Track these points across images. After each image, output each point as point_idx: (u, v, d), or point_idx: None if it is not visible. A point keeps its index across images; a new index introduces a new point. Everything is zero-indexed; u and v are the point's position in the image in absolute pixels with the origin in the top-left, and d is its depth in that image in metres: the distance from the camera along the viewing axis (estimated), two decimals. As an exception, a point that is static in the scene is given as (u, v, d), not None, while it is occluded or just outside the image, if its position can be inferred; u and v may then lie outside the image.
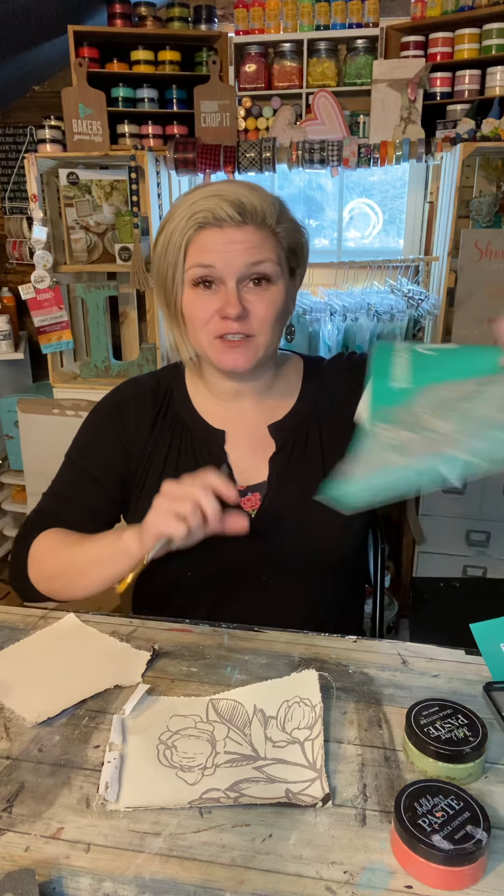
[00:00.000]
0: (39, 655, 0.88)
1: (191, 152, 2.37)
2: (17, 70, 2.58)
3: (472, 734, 0.69)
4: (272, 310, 0.97)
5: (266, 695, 0.79)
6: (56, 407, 2.45)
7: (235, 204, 0.92)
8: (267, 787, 0.67)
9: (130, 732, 0.75)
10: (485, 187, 2.49)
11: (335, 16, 2.34)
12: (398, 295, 2.43)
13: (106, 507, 1.08)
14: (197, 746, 0.72)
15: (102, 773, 0.69)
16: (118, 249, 2.46)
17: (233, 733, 0.74)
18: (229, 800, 0.66)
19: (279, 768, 0.70)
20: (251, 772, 0.69)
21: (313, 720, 0.75)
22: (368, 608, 1.29)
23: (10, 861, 0.60)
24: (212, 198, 0.93)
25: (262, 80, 2.43)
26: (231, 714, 0.77)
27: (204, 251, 0.94)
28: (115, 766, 0.69)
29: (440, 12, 2.28)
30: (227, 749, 0.72)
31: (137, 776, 0.69)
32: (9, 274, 3.00)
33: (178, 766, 0.70)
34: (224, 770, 0.69)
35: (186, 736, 0.74)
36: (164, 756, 0.71)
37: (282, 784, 0.67)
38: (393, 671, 0.86)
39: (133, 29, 2.40)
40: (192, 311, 0.98)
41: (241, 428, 1.07)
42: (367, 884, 0.58)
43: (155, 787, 0.68)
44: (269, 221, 0.95)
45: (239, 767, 0.70)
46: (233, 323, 0.94)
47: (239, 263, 0.93)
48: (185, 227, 0.94)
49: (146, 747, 0.73)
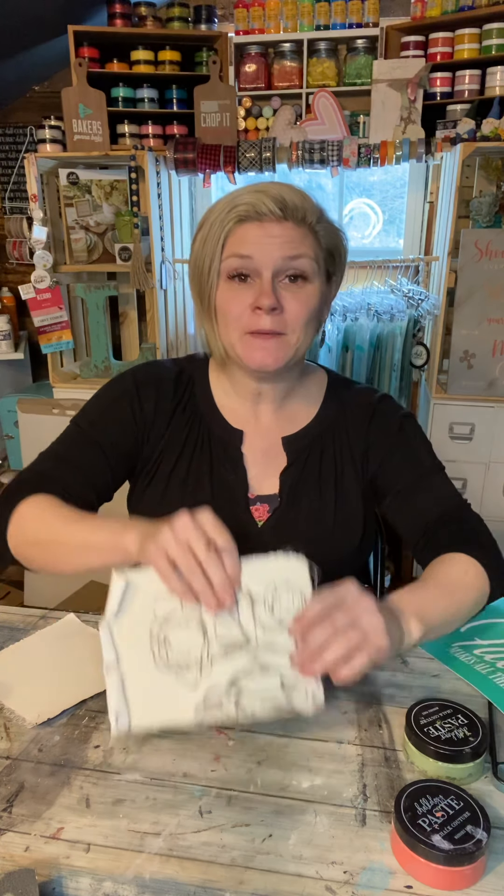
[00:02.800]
0: (39, 655, 0.88)
1: (191, 152, 2.37)
2: (17, 70, 2.58)
3: (472, 734, 0.69)
4: (306, 308, 0.95)
5: (252, 574, 0.75)
6: (56, 407, 2.45)
7: (277, 200, 0.92)
8: (262, 680, 0.70)
9: (121, 639, 0.72)
10: (485, 187, 2.49)
11: (335, 16, 2.34)
12: (398, 295, 2.43)
13: (106, 481, 1.04)
14: (189, 636, 0.71)
15: (109, 703, 0.69)
16: (118, 249, 2.46)
17: (221, 612, 0.72)
18: (230, 704, 0.68)
19: (270, 655, 0.71)
20: (245, 661, 0.71)
21: (301, 608, 0.73)
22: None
23: (10, 861, 0.60)
24: (254, 193, 0.93)
25: (262, 80, 2.43)
26: None
27: (242, 243, 0.94)
28: (118, 691, 0.69)
29: (440, 12, 2.28)
30: (218, 634, 0.71)
31: (141, 693, 0.69)
32: (9, 274, 3.00)
33: (175, 666, 0.70)
34: (219, 664, 0.71)
35: (176, 624, 0.72)
36: (160, 658, 0.70)
37: (275, 672, 0.70)
38: (393, 671, 0.86)
39: (133, 29, 2.40)
40: (224, 304, 0.96)
41: (257, 432, 1.06)
42: (367, 884, 0.58)
43: (161, 700, 0.68)
44: (310, 219, 0.94)
45: (232, 658, 0.71)
46: (266, 316, 0.93)
47: (276, 256, 0.92)
48: (225, 220, 0.94)
49: (140, 652, 0.71)
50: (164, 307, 2.55)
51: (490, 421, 2.33)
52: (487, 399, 2.32)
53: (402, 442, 1.06)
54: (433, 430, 2.38)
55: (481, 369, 2.30)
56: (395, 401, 1.13)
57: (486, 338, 2.27)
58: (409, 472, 1.03)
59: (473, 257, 2.20)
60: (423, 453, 1.07)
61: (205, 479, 1.03)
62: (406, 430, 1.07)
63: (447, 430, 2.37)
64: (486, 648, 0.87)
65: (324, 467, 1.05)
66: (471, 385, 2.32)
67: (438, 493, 1.03)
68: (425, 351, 2.47)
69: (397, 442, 1.06)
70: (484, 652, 0.87)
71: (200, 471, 1.03)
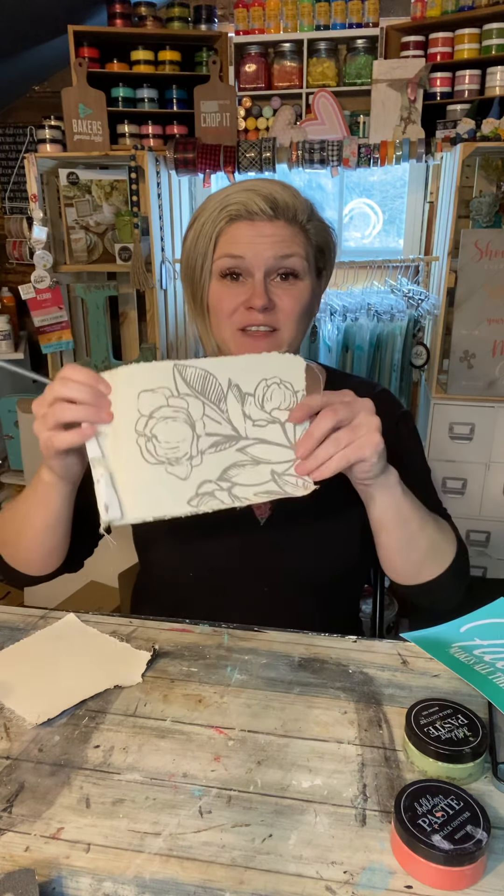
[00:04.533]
0: (39, 655, 0.88)
1: (191, 152, 2.37)
2: (17, 70, 2.58)
3: (472, 734, 0.69)
4: (298, 304, 0.96)
5: (242, 369, 0.73)
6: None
7: (268, 199, 0.93)
8: (253, 472, 0.68)
9: (105, 437, 0.70)
10: (485, 187, 2.49)
11: (335, 16, 2.34)
12: (398, 295, 2.44)
13: None
14: (176, 431, 0.70)
15: (98, 496, 0.67)
16: (118, 249, 2.46)
17: (209, 409, 0.71)
18: (223, 492, 0.67)
19: (261, 448, 0.70)
20: (235, 455, 0.70)
21: (294, 404, 0.72)
22: (368, 608, 1.29)
23: (10, 861, 0.60)
24: (245, 192, 0.94)
25: (262, 80, 2.43)
26: (203, 385, 0.71)
27: (234, 243, 0.94)
28: (106, 483, 0.67)
29: (440, 12, 2.28)
30: (207, 430, 0.70)
31: (131, 485, 0.67)
32: (9, 274, 3.00)
33: (164, 460, 0.68)
34: (210, 457, 0.69)
35: (162, 419, 0.70)
36: (148, 451, 0.69)
37: (266, 465, 0.69)
38: (393, 671, 0.86)
39: (133, 29, 2.40)
40: (217, 302, 0.97)
41: None
42: (367, 884, 0.58)
43: (152, 491, 0.67)
44: (301, 218, 0.96)
45: (223, 452, 0.69)
46: (258, 314, 0.94)
47: (268, 255, 0.93)
48: (217, 219, 0.95)
49: (127, 447, 0.69)
50: (164, 307, 2.55)
51: (490, 421, 2.33)
52: (487, 399, 2.32)
53: (397, 442, 1.06)
54: (433, 430, 2.38)
55: (481, 369, 2.30)
56: (393, 396, 1.14)
57: (486, 338, 2.27)
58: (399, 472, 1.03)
59: (473, 257, 2.20)
60: (415, 456, 1.08)
61: None
62: (402, 430, 1.08)
63: (447, 430, 2.37)
64: (486, 648, 0.87)
65: None
66: (471, 385, 2.32)
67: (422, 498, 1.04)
68: (425, 351, 2.47)
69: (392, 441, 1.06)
70: (484, 652, 0.87)
71: None
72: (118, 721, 0.77)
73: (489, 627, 0.92)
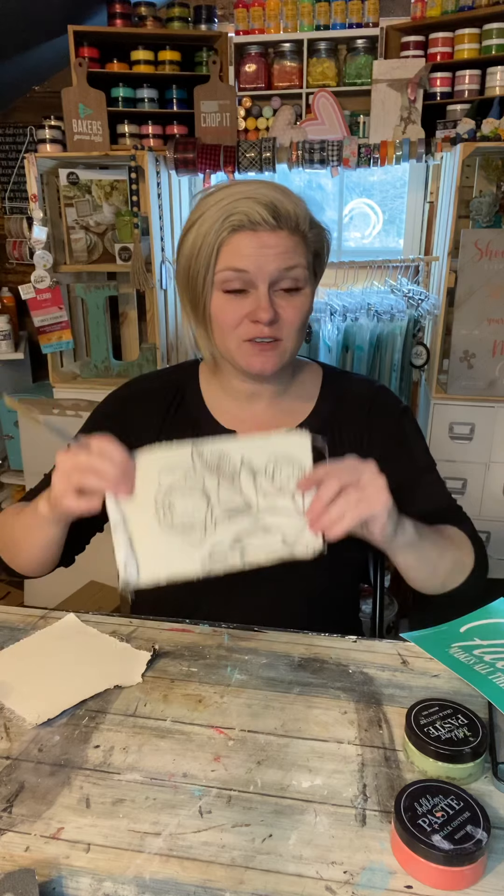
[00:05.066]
0: (39, 655, 0.88)
1: (191, 152, 2.37)
2: (17, 70, 2.58)
3: (472, 734, 0.69)
4: (300, 315, 0.97)
5: (253, 447, 0.79)
6: (56, 407, 2.45)
7: (270, 207, 0.91)
8: (265, 539, 0.73)
9: (126, 504, 0.75)
10: (485, 187, 2.49)
11: (335, 16, 2.34)
12: (398, 295, 2.43)
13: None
14: (192, 502, 0.75)
15: (117, 555, 0.72)
16: (118, 249, 2.46)
17: (223, 484, 0.76)
18: (235, 554, 0.71)
19: (272, 517, 0.74)
20: (247, 523, 0.74)
21: (302, 476, 0.77)
22: (368, 608, 1.29)
23: (10, 861, 0.60)
24: (244, 200, 0.92)
25: (262, 80, 2.43)
26: (218, 463, 0.77)
27: (237, 255, 0.93)
28: (126, 546, 0.72)
29: (440, 12, 2.28)
30: (221, 502, 0.75)
31: (148, 549, 0.72)
32: (9, 274, 3.00)
33: (180, 527, 0.73)
34: (223, 525, 0.74)
35: (180, 492, 0.75)
36: (165, 519, 0.73)
37: (277, 534, 0.73)
38: (393, 671, 0.86)
39: (133, 29, 2.40)
40: (221, 314, 0.97)
41: (252, 430, 1.05)
42: (367, 884, 0.58)
43: (167, 555, 0.71)
44: (303, 227, 0.94)
45: (235, 520, 0.74)
46: (264, 327, 0.94)
47: (272, 269, 0.93)
48: (219, 230, 0.93)
49: (145, 516, 0.74)
50: (164, 307, 2.55)
51: (490, 421, 2.33)
52: (487, 399, 2.32)
53: (399, 437, 1.06)
54: (433, 429, 2.38)
55: (481, 369, 2.30)
56: (393, 393, 1.14)
57: (486, 338, 2.27)
58: (404, 468, 1.03)
59: (473, 257, 2.20)
60: (419, 451, 1.08)
61: None
62: (404, 426, 1.09)
63: (447, 429, 2.37)
64: (486, 648, 0.88)
65: None
66: (471, 385, 2.32)
67: (432, 490, 1.06)
68: (425, 351, 2.47)
69: (395, 437, 1.06)
70: (484, 652, 0.87)
71: None
72: (118, 721, 0.77)
73: (489, 627, 0.92)
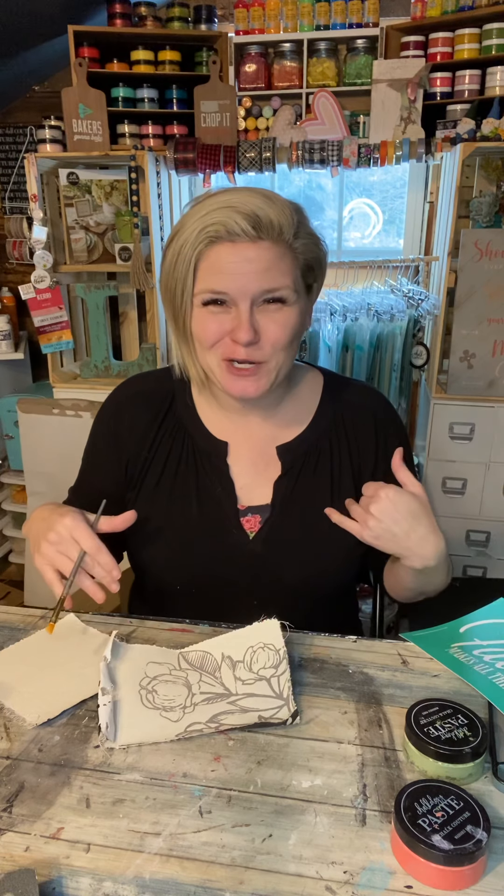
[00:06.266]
0: (39, 655, 0.88)
1: (191, 152, 2.37)
2: (17, 70, 2.58)
3: (472, 734, 0.69)
4: (285, 333, 0.91)
5: (231, 643, 0.86)
6: (56, 407, 2.45)
7: (250, 217, 0.85)
8: (242, 717, 0.76)
9: (115, 675, 0.82)
10: (485, 187, 2.49)
11: (335, 16, 2.34)
12: (398, 295, 2.43)
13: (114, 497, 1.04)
14: (174, 690, 0.80)
15: (100, 716, 0.74)
16: (118, 249, 2.46)
17: (205, 677, 0.82)
18: (210, 730, 0.73)
19: (250, 700, 0.77)
20: (226, 706, 0.77)
21: (277, 661, 0.83)
22: (368, 608, 1.29)
23: (10, 861, 0.60)
24: (224, 209, 0.86)
25: (262, 80, 2.43)
26: (201, 662, 0.85)
27: (215, 272, 0.88)
28: (110, 711, 0.75)
29: (440, 12, 2.28)
30: (202, 690, 0.79)
31: (128, 719, 0.76)
32: (9, 274, 3.00)
33: (160, 707, 0.77)
34: (202, 707, 0.77)
35: (164, 681, 0.81)
36: (147, 700, 0.78)
37: (254, 713, 0.76)
38: (393, 671, 0.86)
39: (133, 29, 2.40)
40: (200, 331, 0.92)
41: (246, 442, 1.03)
42: (367, 884, 0.58)
43: (145, 726, 0.75)
44: (286, 236, 0.88)
45: (214, 704, 0.77)
46: (241, 349, 0.89)
47: (252, 288, 0.87)
48: (196, 242, 0.88)
49: (131, 693, 0.79)
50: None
51: (490, 421, 2.33)
52: (487, 399, 2.32)
53: (387, 467, 1.05)
54: (433, 430, 2.38)
55: (481, 369, 2.30)
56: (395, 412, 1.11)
57: (486, 338, 2.27)
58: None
59: (473, 257, 2.20)
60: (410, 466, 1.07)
61: (191, 493, 1.01)
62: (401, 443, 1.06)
63: (447, 430, 2.37)
64: (486, 648, 0.88)
65: (320, 473, 1.03)
66: (471, 385, 2.32)
67: None
68: (425, 351, 2.47)
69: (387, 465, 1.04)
70: (484, 652, 0.87)
71: (186, 485, 1.02)
72: (118, 721, 0.77)
73: (489, 627, 0.92)
